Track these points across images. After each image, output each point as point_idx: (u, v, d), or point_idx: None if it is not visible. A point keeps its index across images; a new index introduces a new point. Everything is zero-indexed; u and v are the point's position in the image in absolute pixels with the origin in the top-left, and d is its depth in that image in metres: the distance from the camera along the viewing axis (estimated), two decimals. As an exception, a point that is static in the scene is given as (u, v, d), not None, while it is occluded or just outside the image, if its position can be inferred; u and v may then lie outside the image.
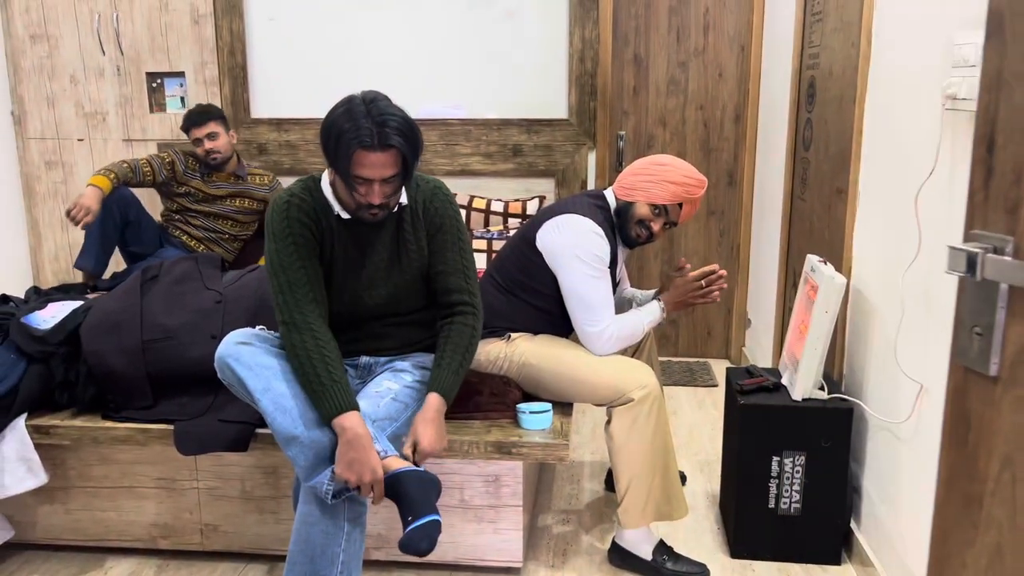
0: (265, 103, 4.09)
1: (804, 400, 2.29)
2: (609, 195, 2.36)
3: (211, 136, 3.38)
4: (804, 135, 3.05)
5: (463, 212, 3.75)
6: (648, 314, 2.34)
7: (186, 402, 2.25)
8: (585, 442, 3.24)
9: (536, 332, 2.35)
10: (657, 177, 2.27)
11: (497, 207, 3.77)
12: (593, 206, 2.29)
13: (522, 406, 2.19)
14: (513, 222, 3.75)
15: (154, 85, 4.11)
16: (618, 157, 4.05)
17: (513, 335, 2.33)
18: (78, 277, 3.63)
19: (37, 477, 2.20)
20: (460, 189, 3.90)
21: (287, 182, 3.77)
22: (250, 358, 1.85)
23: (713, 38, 3.97)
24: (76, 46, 4.08)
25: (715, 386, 3.85)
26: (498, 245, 3.57)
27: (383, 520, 2.26)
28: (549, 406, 2.21)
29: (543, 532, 2.53)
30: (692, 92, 4.03)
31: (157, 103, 4.12)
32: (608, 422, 2.23)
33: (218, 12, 3.97)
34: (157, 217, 3.61)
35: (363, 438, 1.73)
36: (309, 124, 4.01)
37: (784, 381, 2.42)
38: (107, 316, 2.30)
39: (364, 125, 1.74)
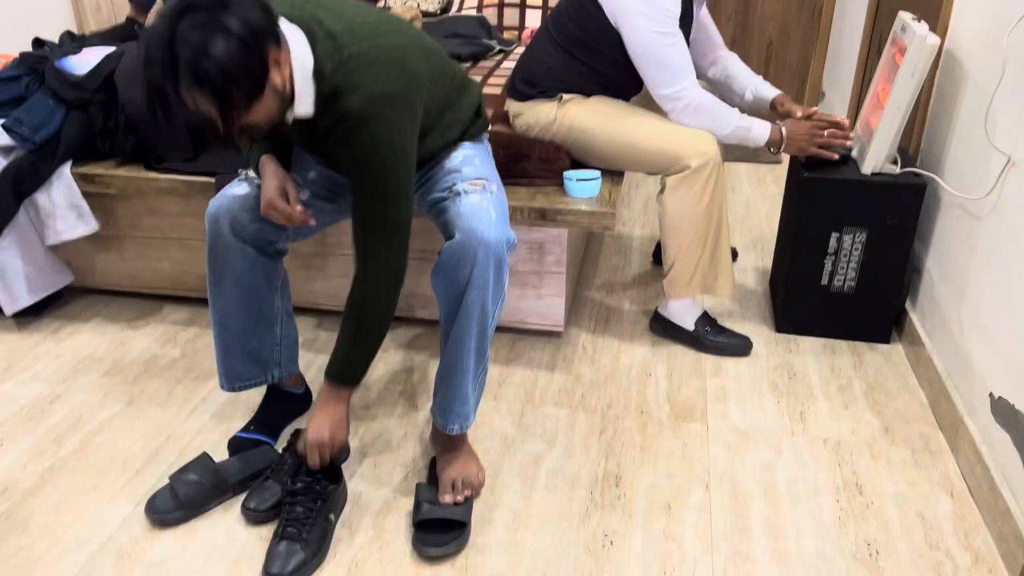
0: None
1: (873, 174, 2.14)
2: (680, -62, 2.09)
3: None
4: None
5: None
6: (755, 123, 2.09)
7: (226, 156, 2.20)
8: (636, 216, 3.16)
9: (590, 95, 2.19)
10: None
11: (556, -42, 3.43)
12: (660, -51, 2.03)
13: (569, 173, 2.09)
14: (573, -24, 3.43)
15: None
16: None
17: (565, 96, 2.17)
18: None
19: (88, 224, 2.23)
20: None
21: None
22: (222, 263, 1.69)
23: None
24: None
25: (778, 163, 3.67)
26: (554, 1, 3.29)
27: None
28: (598, 173, 2.10)
29: (586, 300, 2.53)
30: None
31: None
32: (661, 191, 2.12)
33: None
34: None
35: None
36: None
37: (854, 154, 2.25)
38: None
39: (158, 60, 1.29)
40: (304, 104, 1.47)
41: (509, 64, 2.74)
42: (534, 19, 3.27)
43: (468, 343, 1.65)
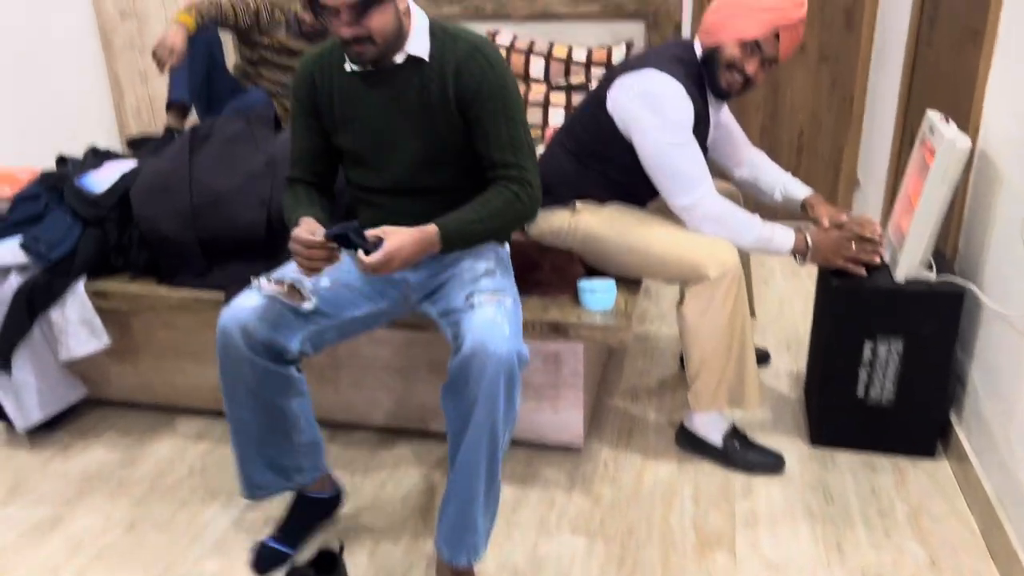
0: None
1: (907, 281, 2.02)
2: (697, 44, 2.05)
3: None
4: (938, -35, 2.57)
5: (541, 61, 3.45)
6: (777, 231, 1.99)
7: (237, 269, 2.18)
8: (664, 313, 3.06)
9: (604, 202, 2.13)
10: (742, 7, 1.93)
11: (579, 55, 3.45)
12: (673, 58, 1.99)
13: (584, 283, 2.01)
14: (596, 72, 3.43)
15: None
16: (719, -4, 3.59)
17: (579, 204, 2.12)
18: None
19: (100, 340, 2.22)
20: (540, 35, 3.58)
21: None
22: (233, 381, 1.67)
23: None
24: None
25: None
26: (578, 99, 3.28)
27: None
28: (613, 283, 2.02)
29: (609, 409, 2.42)
30: (809, -85, 3.48)
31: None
32: (680, 301, 2.03)
33: None
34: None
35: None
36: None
37: (886, 258, 2.13)
38: (157, 179, 2.22)
39: None
40: (419, 44, 1.67)
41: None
42: (557, 117, 3.27)
43: (478, 468, 1.57)
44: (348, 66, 1.71)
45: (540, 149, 2.98)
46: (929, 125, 2.04)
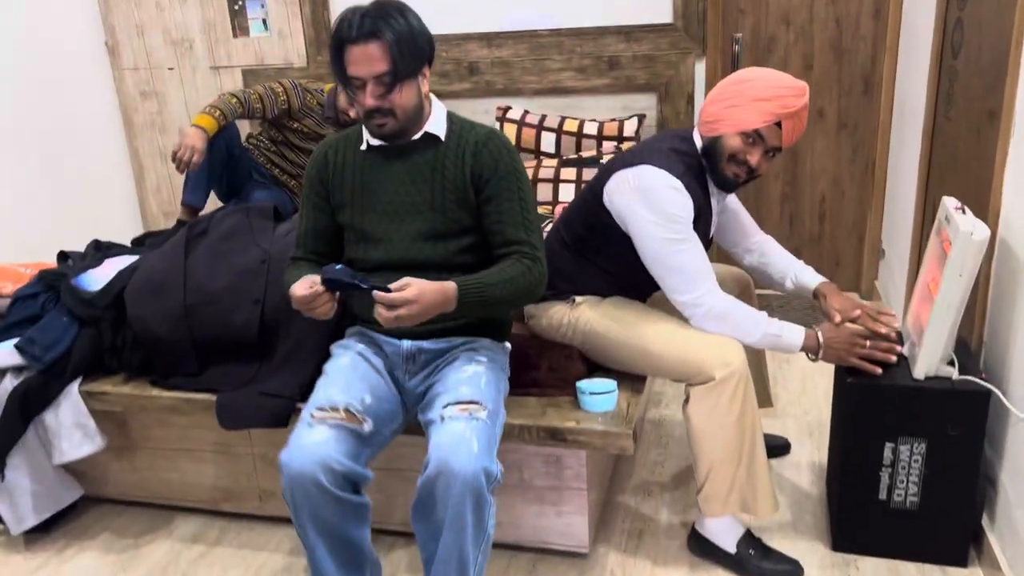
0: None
1: (927, 378, 1.90)
2: (696, 135, 1.99)
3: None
4: (953, 39, 2.49)
5: (552, 136, 3.42)
6: (786, 329, 1.90)
7: (231, 370, 2.13)
8: (678, 396, 2.94)
9: (605, 296, 2.05)
10: (740, 97, 1.86)
11: (591, 129, 3.41)
12: (670, 152, 1.92)
13: (583, 384, 1.93)
14: (608, 145, 3.38)
15: (236, 7, 3.94)
16: (733, 64, 3.54)
17: (578, 299, 2.04)
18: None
19: (93, 442, 2.18)
20: (550, 109, 3.55)
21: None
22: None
23: (849, -84, 3.34)
24: (158, -31, 3.95)
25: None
26: (589, 175, 3.23)
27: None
28: (614, 385, 1.93)
29: (618, 507, 2.30)
30: (822, -17, 3.43)
31: (240, 27, 3.96)
32: (686, 401, 1.93)
33: (293, -77, 3.71)
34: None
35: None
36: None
37: (905, 351, 2.02)
38: (151, 278, 2.19)
39: (351, 19, 1.64)
40: (438, 125, 1.78)
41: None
42: (567, 194, 3.22)
43: None
44: (365, 144, 1.81)
45: (549, 227, 2.93)
46: (945, 214, 1.94)
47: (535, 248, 1.77)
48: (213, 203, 3.49)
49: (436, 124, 1.79)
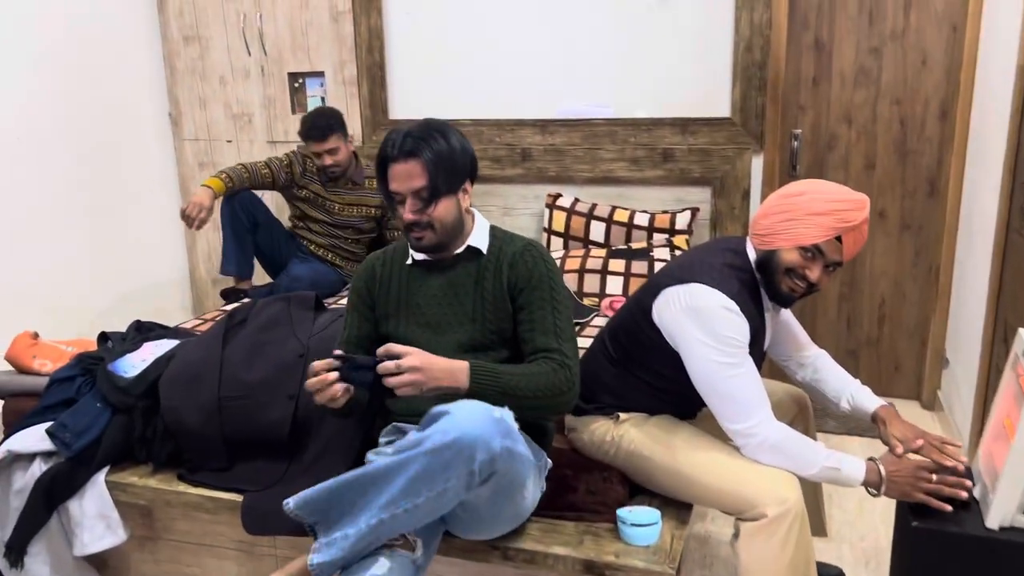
0: (402, 104, 3.87)
1: (1002, 529, 1.74)
2: (750, 246, 1.90)
3: (331, 152, 3.27)
4: (1028, 153, 2.38)
5: (602, 225, 3.37)
6: (845, 462, 1.77)
7: (260, 467, 2.07)
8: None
9: (651, 414, 1.95)
10: (796, 211, 1.77)
11: (641, 220, 3.34)
12: (724, 268, 1.83)
13: (624, 514, 1.81)
14: (659, 237, 3.31)
15: (296, 85, 4.01)
16: (791, 160, 3.46)
17: (623, 416, 1.94)
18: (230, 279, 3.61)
19: (115, 535, 2.12)
20: (601, 199, 3.50)
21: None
22: None
23: (916, 17, 3.27)
24: (224, 47, 4.05)
25: (898, 438, 3.23)
26: (638, 267, 3.15)
27: None
28: (657, 516, 1.81)
29: (658, 637, 2.15)
30: (886, 83, 3.35)
31: (299, 104, 4.03)
32: (735, 535, 1.80)
33: (356, 8, 3.78)
34: (285, 222, 3.57)
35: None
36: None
37: (976, 494, 1.86)
38: (187, 368, 2.16)
39: (395, 139, 1.73)
40: (480, 239, 1.85)
41: (584, 340, 2.53)
42: (615, 286, 3.13)
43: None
44: (410, 259, 1.88)
45: (599, 320, 2.85)
46: (1022, 348, 1.80)
47: (565, 356, 1.76)
48: (260, 276, 3.54)
49: (478, 238, 1.86)
